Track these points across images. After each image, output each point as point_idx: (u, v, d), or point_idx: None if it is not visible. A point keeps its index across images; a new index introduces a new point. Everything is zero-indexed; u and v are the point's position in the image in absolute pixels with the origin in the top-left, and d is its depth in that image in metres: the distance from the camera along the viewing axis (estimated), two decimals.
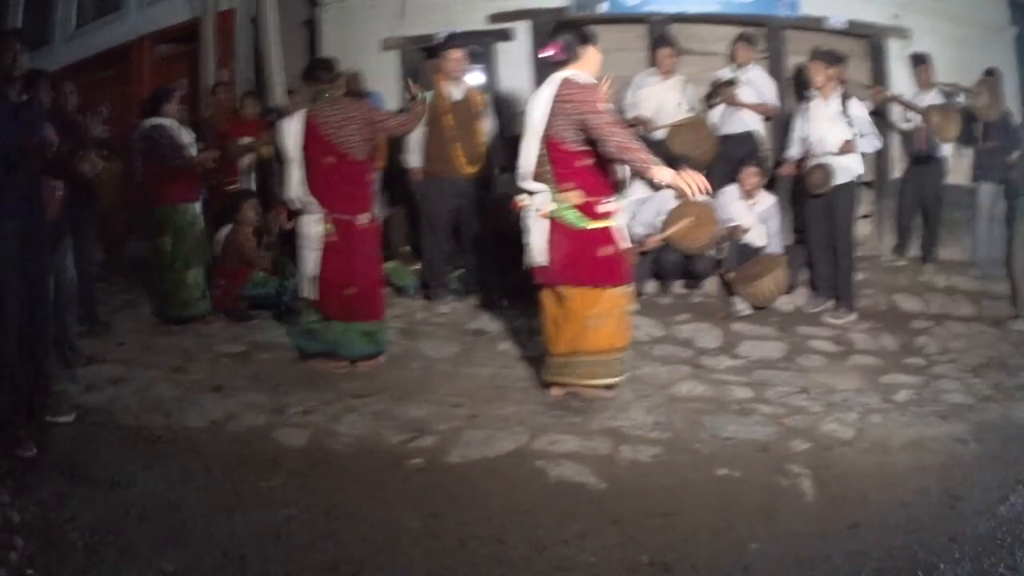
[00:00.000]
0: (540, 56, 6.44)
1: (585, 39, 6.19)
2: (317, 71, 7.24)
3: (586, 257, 6.21)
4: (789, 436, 5.82)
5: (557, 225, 6.19)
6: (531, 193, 6.26)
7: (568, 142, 6.08)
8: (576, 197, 6.11)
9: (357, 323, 7.04)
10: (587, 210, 6.14)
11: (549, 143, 6.13)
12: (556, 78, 6.12)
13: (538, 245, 6.24)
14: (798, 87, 9.98)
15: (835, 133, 8.66)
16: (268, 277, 8.69)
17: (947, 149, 10.09)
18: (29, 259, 5.67)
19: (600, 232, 6.20)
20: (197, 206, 8.60)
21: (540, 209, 6.21)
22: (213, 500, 5.00)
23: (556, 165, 6.15)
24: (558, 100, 6.04)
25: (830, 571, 4.24)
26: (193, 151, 8.37)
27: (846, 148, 8.60)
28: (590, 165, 6.15)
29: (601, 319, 6.28)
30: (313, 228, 6.94)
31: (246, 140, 9.72)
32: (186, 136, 8.50)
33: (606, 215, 6.20)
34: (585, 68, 6.15)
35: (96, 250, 8.86)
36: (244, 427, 6.08)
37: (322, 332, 7.07)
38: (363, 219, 7.02)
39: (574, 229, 6.16)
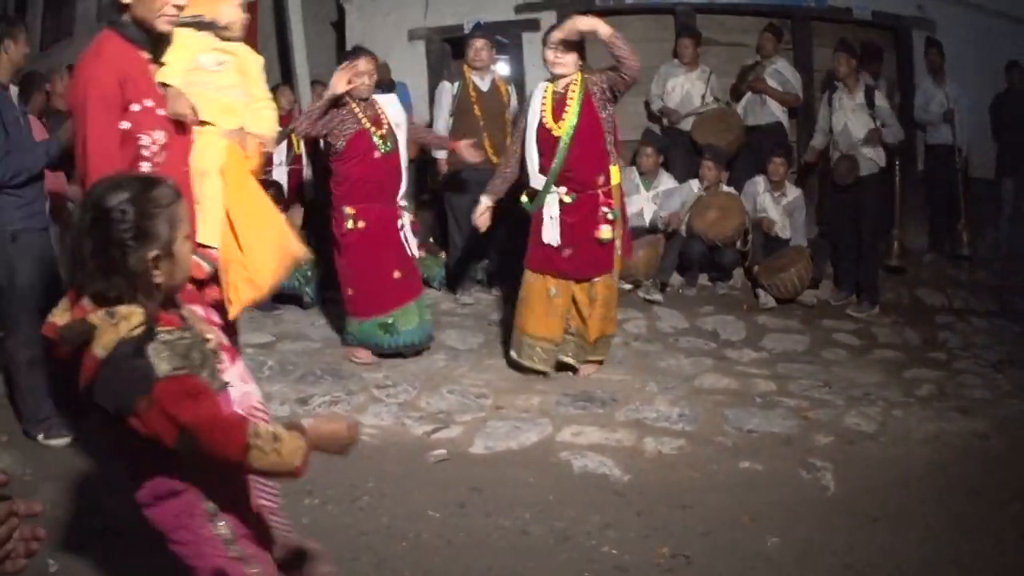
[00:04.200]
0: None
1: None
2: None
3: (604, 245, 6.48)
4: (812, 429, 5.85)
5: (570, 216, 6.40)
6: (539, 189, 6.46)
7: None
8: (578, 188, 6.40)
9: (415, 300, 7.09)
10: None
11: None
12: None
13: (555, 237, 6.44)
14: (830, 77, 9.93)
15: (859, 124, 8.65)
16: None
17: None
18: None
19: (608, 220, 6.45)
20: None
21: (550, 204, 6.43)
22: None
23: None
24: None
25: (850, 565, 4.26)
26: None
27: (872, 136, 8.60)
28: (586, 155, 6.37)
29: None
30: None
31: (279, 129, 9.68)
32: None
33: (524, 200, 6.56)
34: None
35: None
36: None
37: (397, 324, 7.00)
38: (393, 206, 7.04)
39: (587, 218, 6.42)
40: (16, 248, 5.39)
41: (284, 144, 9.48)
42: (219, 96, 4.29)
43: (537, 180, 6.43)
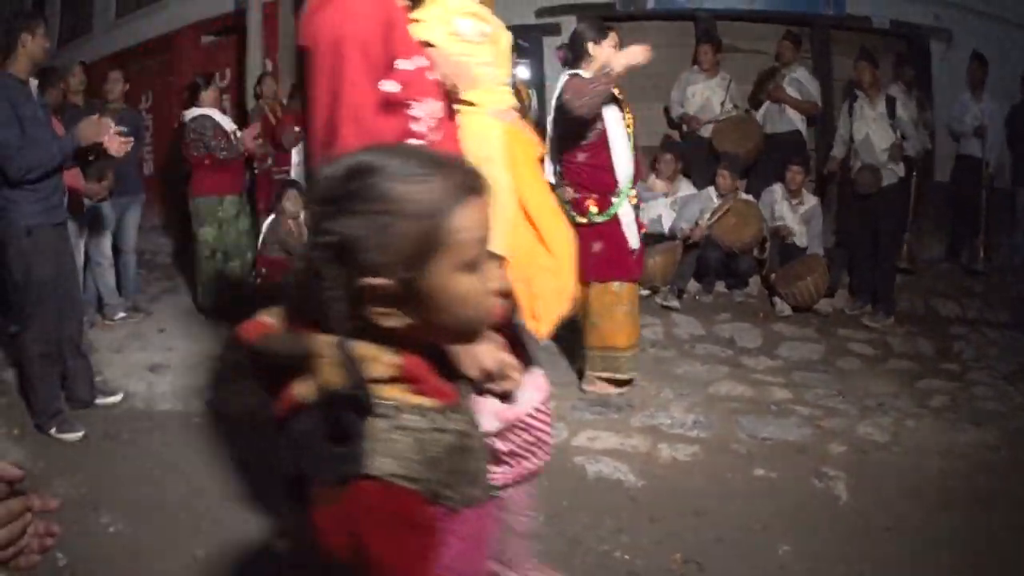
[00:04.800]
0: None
1: (592, 37, 6.21)
2: None
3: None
4: (825, 438, 5.86)
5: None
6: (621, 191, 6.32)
7: (567, 138, 6.24)
8: (568, 193, 6.25)
9: None
10: (577, 206, 6.22)
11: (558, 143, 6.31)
12: (562, 80, 6.24)
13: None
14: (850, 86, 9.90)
15: (880, 135, 8.64)
16: None
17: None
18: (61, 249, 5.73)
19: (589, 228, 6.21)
20: (242, 197, 8.60)
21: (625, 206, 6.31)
22: (249, 488, 5.06)
23: (563, 164, 6.32)
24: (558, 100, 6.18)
25: (861, 574, 4.28)
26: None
27: (895, 152, 8.59)
28: (586, 161, 6.22)
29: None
30: None
31: (298, 129, 9.64)
32: (228, 125, 8.46)
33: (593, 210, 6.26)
34: (598, 64, 6.09)
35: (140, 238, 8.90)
36: None
37: None
38: None
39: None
40: (31, 243, 5.41)
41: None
42: (479, 72, 3.42)
43: (627, 180, 6.22)
